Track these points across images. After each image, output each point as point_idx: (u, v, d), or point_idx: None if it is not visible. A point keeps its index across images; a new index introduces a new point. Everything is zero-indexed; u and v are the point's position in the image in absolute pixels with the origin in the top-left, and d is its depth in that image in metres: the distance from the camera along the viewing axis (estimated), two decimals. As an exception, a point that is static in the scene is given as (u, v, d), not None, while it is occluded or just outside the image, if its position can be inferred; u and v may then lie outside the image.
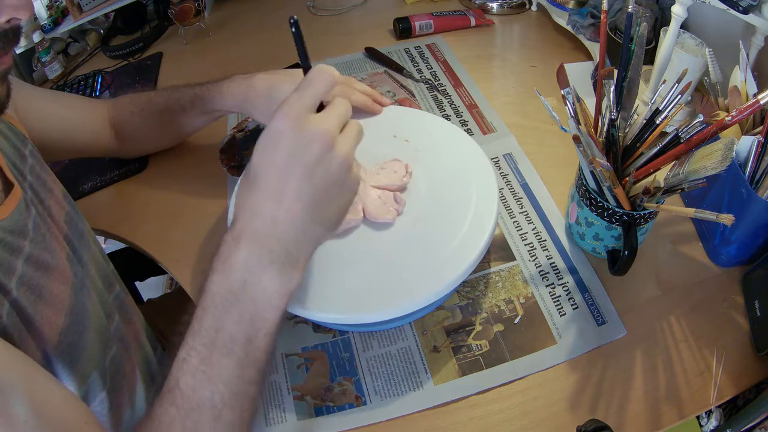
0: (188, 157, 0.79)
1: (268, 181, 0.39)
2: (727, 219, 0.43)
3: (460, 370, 0.54)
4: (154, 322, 0.70)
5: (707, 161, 0.45)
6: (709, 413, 0.52)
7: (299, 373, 0.55)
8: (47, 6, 0.98)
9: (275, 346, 0.42)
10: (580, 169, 0.57)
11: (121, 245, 0.78)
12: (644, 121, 0.53)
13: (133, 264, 0.94)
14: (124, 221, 0.73)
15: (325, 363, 0.56)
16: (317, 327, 0.59)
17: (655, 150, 0.51)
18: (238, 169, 0.73)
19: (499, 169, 0.72)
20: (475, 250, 0.52)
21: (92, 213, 0.71)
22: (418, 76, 0.88)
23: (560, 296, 0.59)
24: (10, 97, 0.44)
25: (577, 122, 0.51)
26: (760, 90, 0.57)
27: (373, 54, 0.93)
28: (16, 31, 0.40)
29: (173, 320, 0.42)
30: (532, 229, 0.65)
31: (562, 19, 0.92)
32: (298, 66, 0.92)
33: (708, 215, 0.44)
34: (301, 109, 0.38)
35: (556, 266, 0.61)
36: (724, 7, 0.61)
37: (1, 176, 0.46)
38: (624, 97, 0.53)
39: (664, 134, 0.51)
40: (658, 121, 0.52)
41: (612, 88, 0.51)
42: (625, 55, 0.52)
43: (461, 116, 0.80)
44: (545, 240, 0.64)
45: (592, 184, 0.55)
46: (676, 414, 0.50)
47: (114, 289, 0.59)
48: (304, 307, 0.50)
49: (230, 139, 0.77)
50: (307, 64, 0.42)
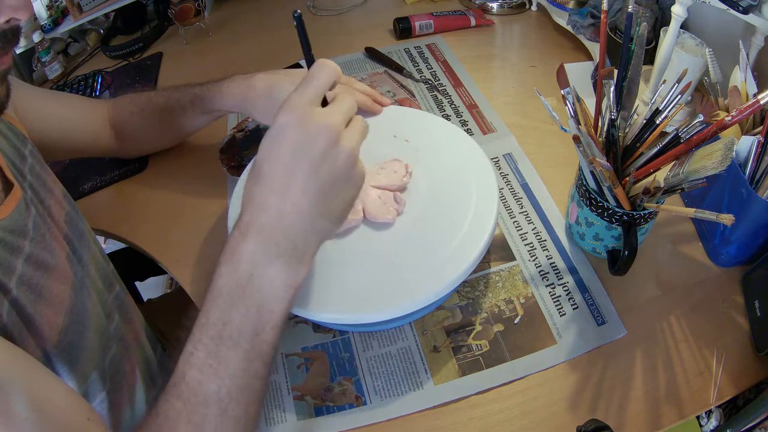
0: (188, 157, 0.79)
1: (275, 176, 0.39)
2: (727, 219, 0.43)
3: (460, 370, 0.54)
4: (154, 322, 0.70)
5: (707, 161, 0.45)
6: (709, 413, 0.52)
7: (299, 373, 0.55)
8: (47, 6, 0.98)
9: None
10: (580, 169, 0.57)
11: (121, 245, 0.78)
12: (644, 121, 0.53)
13: (133, 264, 0.94)
14: (124, 221, 0.73)
15: (325, 363, 0.56)
16: (317, 327, 0.59)
17: (655, 150, 0.51)
18: (238, 169, 0.73)
19: (499, 169, 0.72)
20: (475, 250, 0.52)
21: (92, 213, 0.71)
22: (418, 76, 0.88)
23: (560, 296, 0.59)
24: (10, 97, 0.44)
25: (577, 122, 0.51)
26: (760, 90, 0.57)
27: (373, 54, 0.93)
28: (16, 32, 0.40)
29: (173, 320, 0.42)
30: (532, 229, 0.65)
31: (562, 19, 0.92)
32: (298, 66, 0.92)
33: (708, 215, 0.44)
34: (305, 104, 0.38)
35: (556, 266, 0.61)
36: (724, 7, 0.61)
37: (1, 176, 0.46)
38: (624, 97, 0.53)
39: (664, 134, 0.51)
40: (658, 121, 0.52)
41: (612, 88, 0.51)
42: (625, 55, 0.52)
43: (461, 116, 0.80)
44: (545, 240, 0.64)
45: (592, 184, 0.55)
46: (676, 414, 0.50)
47: (114, 289, 0.59)
48: (305, 307, 0.50)
49: (230, 139, 0.77)
50: (310, 57, 0.42)
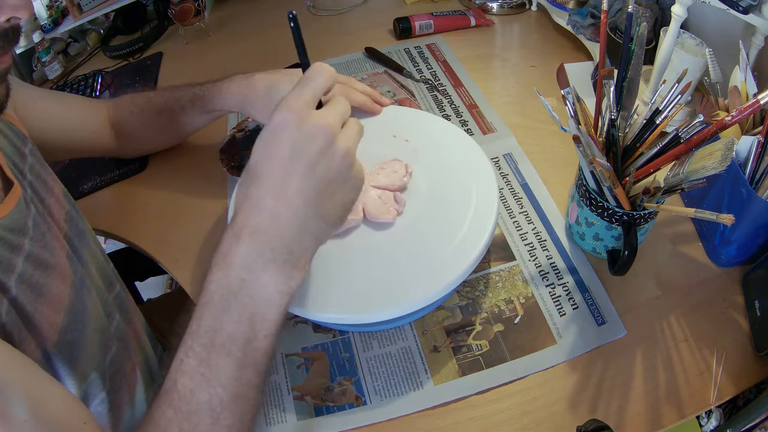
0: (188, 157, 0.79)
1: (270, 176, 0.38)
2: (727, 219, 0.43)
3: (460, 370, 0.54)
4: (154, 322, 0.70)
5: (707, 161, 0.45)
6: (709, 413, 0.51)
7: (299, 373, 0.55)
8: (47, 6, 0.98)
9: (276, 348, 0.41)
10: (580, 169, 0.57)
11: (121, 245, 0.78)
12: (644, 121, 0.53)
13: (133, 264, 0.94)
14: (124, 221, 0.73)
15: (325, 363, 0.56)
16: (317, 327, 0.59)
17: (655, 150, 0.51)
18: (238, 169, 0.73)
19: (499, 169, 0.72)
20: (475, 250, 0.52)
21: (92, 213, 0.70)
22: (418, 76, 0.88)
23: (560, 296, 0.59)
24: (10, 96, 0.44)
25: (577, 122, 0.51)
26: (760, 90, 0.57)
27: (373, 54, 0.93)
28: (16, 31, 0.40)
29: (173, 320, 0.41)
30: (532, 229, 0.65)
31: (562, 19, 0.92)
32: (297, 66, 0.92)
33: (708, 215, 0.44)
34: (301, 105, 0.38)
35: (556, 266, 0.61)
36: (724, 7, 0.61)
37: (1, 175, 0.46)
38: (624, 97, 0.53)
39: (664, 134, 0.51)
40: (658, 121, 0.52)
41: (612, 88, 0.51)
42: (625, 55, 0.52)
43: (461, 116, 0.80)
44: (545, 240, 0.64)
45: (592, 184, 0.55)
46: (676, 414, 0.50)
47: (114, 288, 0.59)
48: (304, 307, 0.50)
49: (230, 139, 0.77)
50: (305, 60, 0.41)
